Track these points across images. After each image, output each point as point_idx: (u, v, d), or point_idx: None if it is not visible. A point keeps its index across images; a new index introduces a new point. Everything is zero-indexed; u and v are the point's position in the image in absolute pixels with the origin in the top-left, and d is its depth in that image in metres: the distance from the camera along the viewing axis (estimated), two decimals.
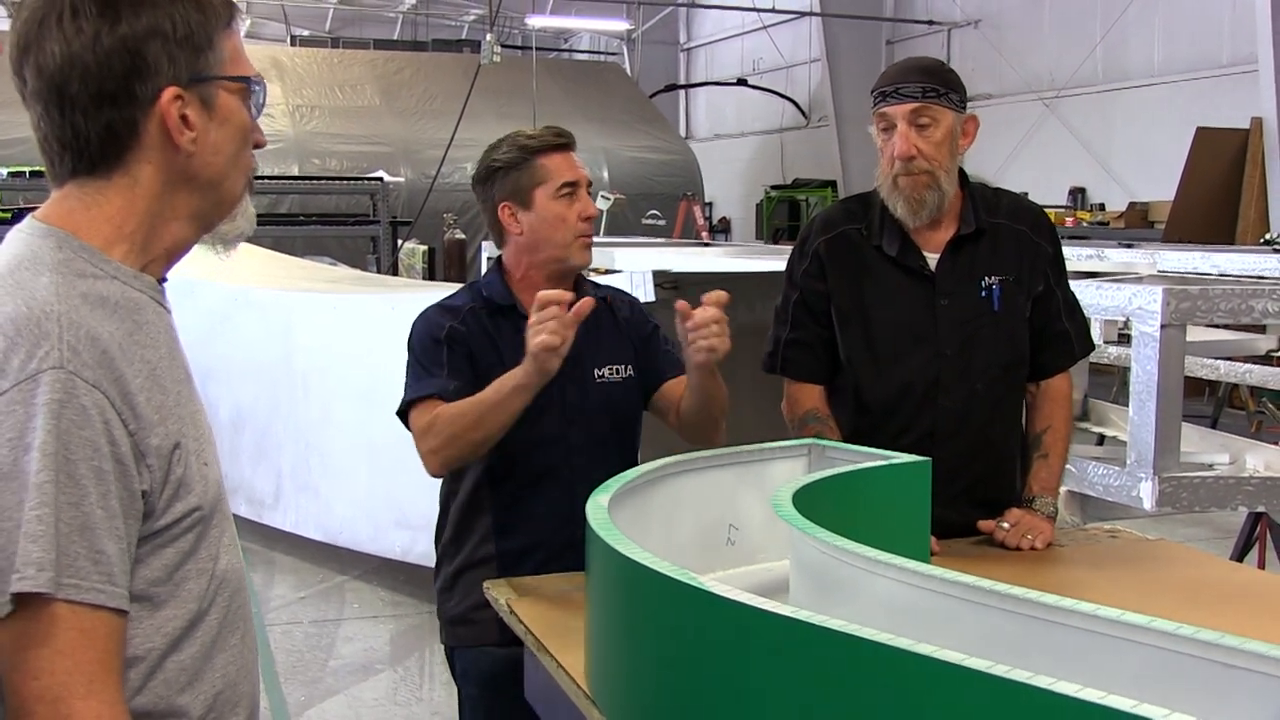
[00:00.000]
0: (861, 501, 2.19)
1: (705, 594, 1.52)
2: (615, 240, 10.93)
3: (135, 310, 1.40)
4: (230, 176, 1.49)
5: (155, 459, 1.35)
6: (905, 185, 2.69)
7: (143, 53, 1.38)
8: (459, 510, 2.69)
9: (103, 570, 1.29)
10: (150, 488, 1.35)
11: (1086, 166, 16.51)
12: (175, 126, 1.41)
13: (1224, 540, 6.60)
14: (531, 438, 2.58)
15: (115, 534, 1.30)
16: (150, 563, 1.38)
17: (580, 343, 2.57)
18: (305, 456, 6.25)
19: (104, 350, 1.32)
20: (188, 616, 1.43)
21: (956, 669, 1.21)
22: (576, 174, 2.63)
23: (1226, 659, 1.30)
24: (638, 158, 19.13)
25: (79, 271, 1.38)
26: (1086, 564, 2.64)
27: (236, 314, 6.49)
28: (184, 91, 1.41)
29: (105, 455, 1.30)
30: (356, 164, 17.08)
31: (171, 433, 1.38)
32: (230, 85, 1.46)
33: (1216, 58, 14.65)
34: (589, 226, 2.64)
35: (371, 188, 13.35)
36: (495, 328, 2.63)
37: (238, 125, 1.48)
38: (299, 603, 5.89)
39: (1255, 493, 4.14)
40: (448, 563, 2.72)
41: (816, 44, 21.25)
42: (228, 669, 1.50)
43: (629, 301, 2.85)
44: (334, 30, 27.79)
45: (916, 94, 2.67)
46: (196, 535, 1.43)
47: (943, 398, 2.75)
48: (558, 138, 2.66)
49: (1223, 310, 4.09)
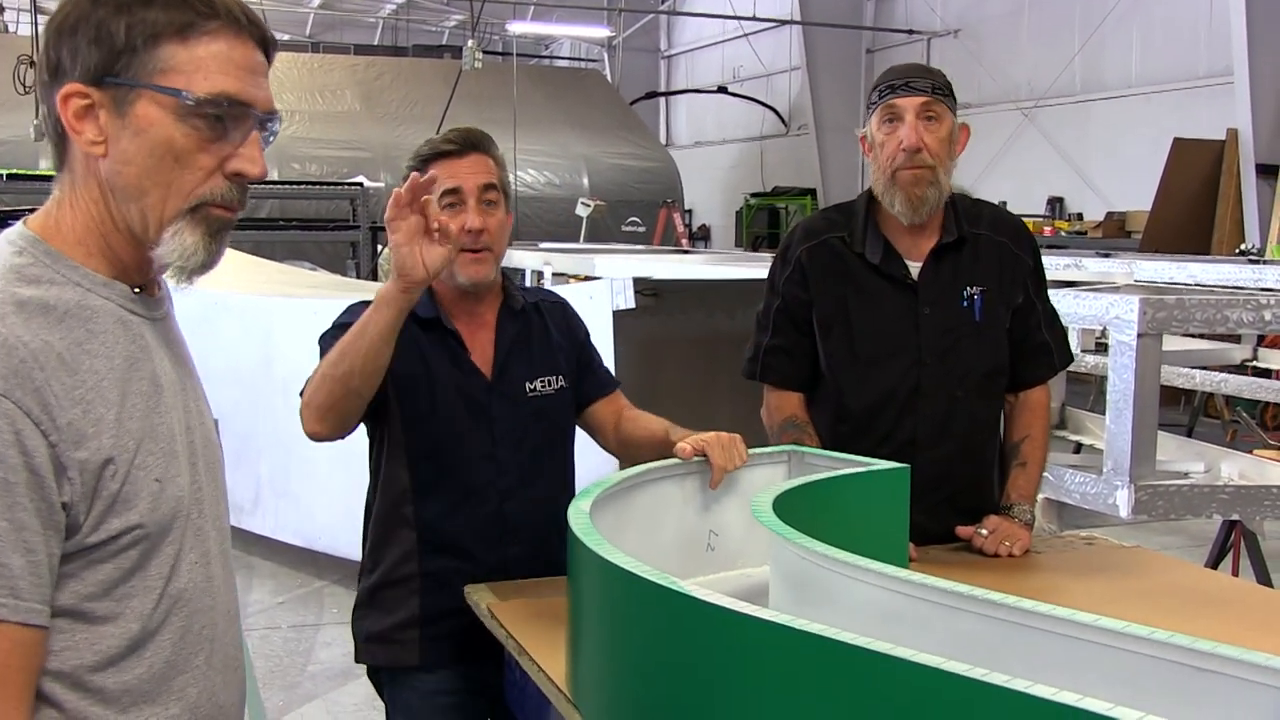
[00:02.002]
0: (841, 507, 2.21)
1: (687, 598, 1.53)
2: (595, 247, 10.94)
3: (89, 319, 1.37)
4: (149, 193, 1.39)
5: (78, 473, 1.31)
6: (906, 179, 2.69)
7: (58, 50, 1.39)
8: (380, 522, 2.53)
9: (4, 583, 1.26)
10: (72, 500, 1.31)
11: (1064, 176, 16.60)
12: (69, 124, 1.39)
13: (1198, 548, 6.65)
14: (458, 453, 2.47)
15: (23, 546, 1.26)
16: (83, 577, 1.34)
17: (509, 354, 2.53)
18: (285, 462, 6.24)
19: (22, 359, 1.28)
20: (129, 635, 1.39)
21: (935, 672, 1.22)
22: (458, 181, 2.42)
23: (1201, 664, 1.32)
24: (618, 164, 19.15)
25: (32, 278, 1.35)
26: (1063, 570, 2.66)
27: (216, 319, 6.47)
28: (91, 91, 1.37)
29: (15, 466, 1.26)
30: (336, 169, 17.06)
31: (105, 447, 1.34)
32: (158, 96, 1.38)
33: (1193, 69, 14.76)
34: (473, 239, 2.41)
35: (351, 193, 13.37)
36: (421, 340, 2.46)
37: (158, 139, 1.38)
38: (277, 608, 5.87)
39: (1230, 501, 4.17)
40: (366, 576, 2.57)
41: (797, 52, 21.31)
42: (186, 691, 1.46)
43: (560, 306, 2.70)
44: (314, 35, 27.77)
45: (927, 89, 2.70)
46: (141, 553, 1.38)
47: (923, 406, 2.77)
48: (448, 143, 2.45)
49: (1198, 320, 4.13)
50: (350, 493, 5.76)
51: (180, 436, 1.46)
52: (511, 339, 2.55)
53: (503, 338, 2.54)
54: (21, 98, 11.67)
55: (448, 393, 2.47)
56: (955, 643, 1.50)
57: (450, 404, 2.47)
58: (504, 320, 2.56)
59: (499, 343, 2.54)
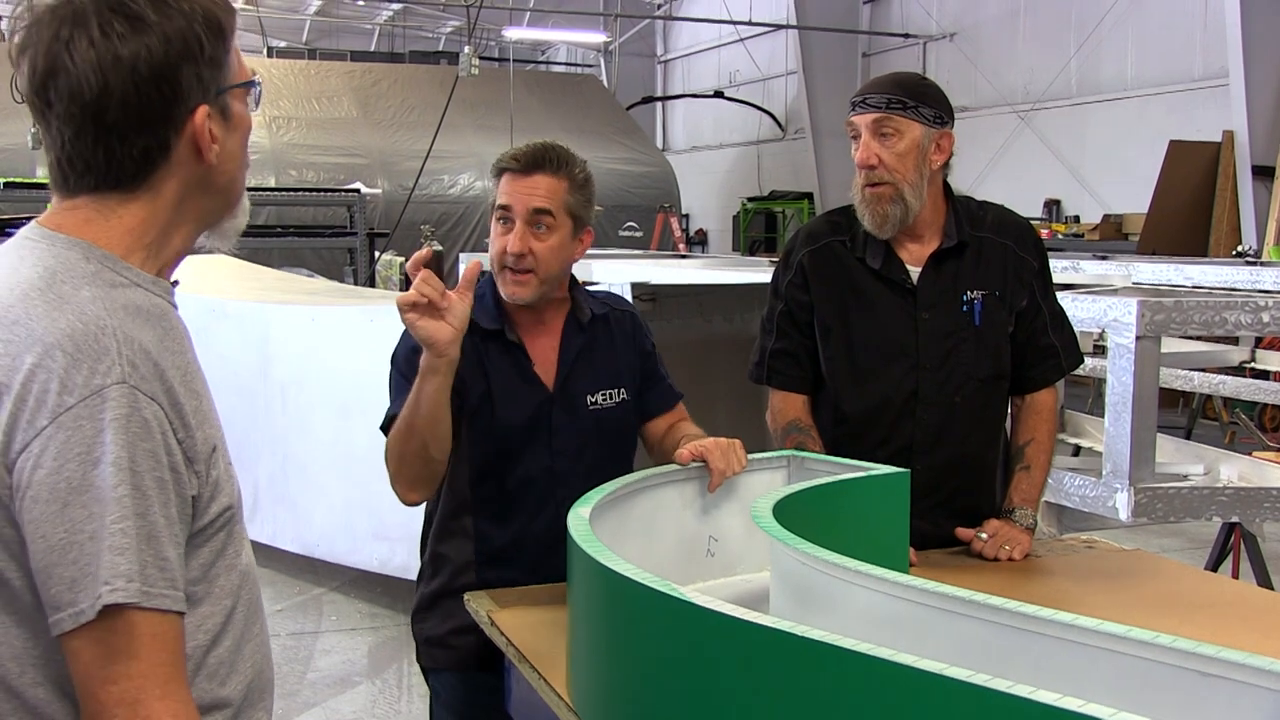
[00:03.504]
0: (841, 512, 2.20)
1: (688, 605, 1.52)
2: (592, 252, 10.93)
3: (162, 317, 1.42)
4: (239, 176, 1.52)
5: (201, 464, 1.40)
6: (869, 196, 2.71)
7: (178, 79, 1.40)
8: (439, 532, 2.57)
9: (168, 576, 1.33)
10: (199, 492, 1.40)
11: (1061, 179, 16.62)
12: (206, 145, 1.44)
13: (1197, 550, 6.65)
14: (517, 464, 2.48)
15: (175, 540, 1.35)
16: (190, 563, 1.41)
17: (572, 367, 2.53)
18: (283, 468, 6.23)
19: (155, 362, 1.36)
20: (224, 612, 1.47)
21: (937, 678, 1.22)
22: (511, 199, 2.42)
23: (1204, 668, 1.32)
24: (615, 169, 19.14)
25: (110, 282, 1.39)
26: (1064, 575, 2.66)
27: (213, 325, 6.46)
28: (211, 108, 1.44)
29: (164, 465, 1.34)
30: (333, 176, 17.06)
31: (209, 436, 1.42)
32: (238, 92, 1.49)
33: (1189, 72, 14.78)
34: (515, 261, 2.41)
35: (349, 199, 13.35)
36: (485, 351, 2.48)
37: (246, 128, 1.52)
38: (276, 615, 5.85)
39: (1229, 503, 4.17)
40: (426, 583, 2.61)
41: (793, 56, 21.33)
42: (255, 657, 1.54)
43: (630, 316, 2.68)
44: (311, 42, 27.77)
45: (881, 104, 2.69)
46: (227, 534, 1.47)
47: (922, 410, 2.76)
48: (514, 160, 2.45)
49: (1197, 322, 4.13)
50: (349, 500, 5.80)
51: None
52: (576, 350, 2.54)
53: (567, 349, 2.54)
54: (19, 106, 11.60)
55: (508, 404, 2.48)
56: (957, 648, 1.49)
57: (511, 415, 2.48)
58: (569, 331, 2.56)
59: (563, 354, 2.54)
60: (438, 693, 2.65)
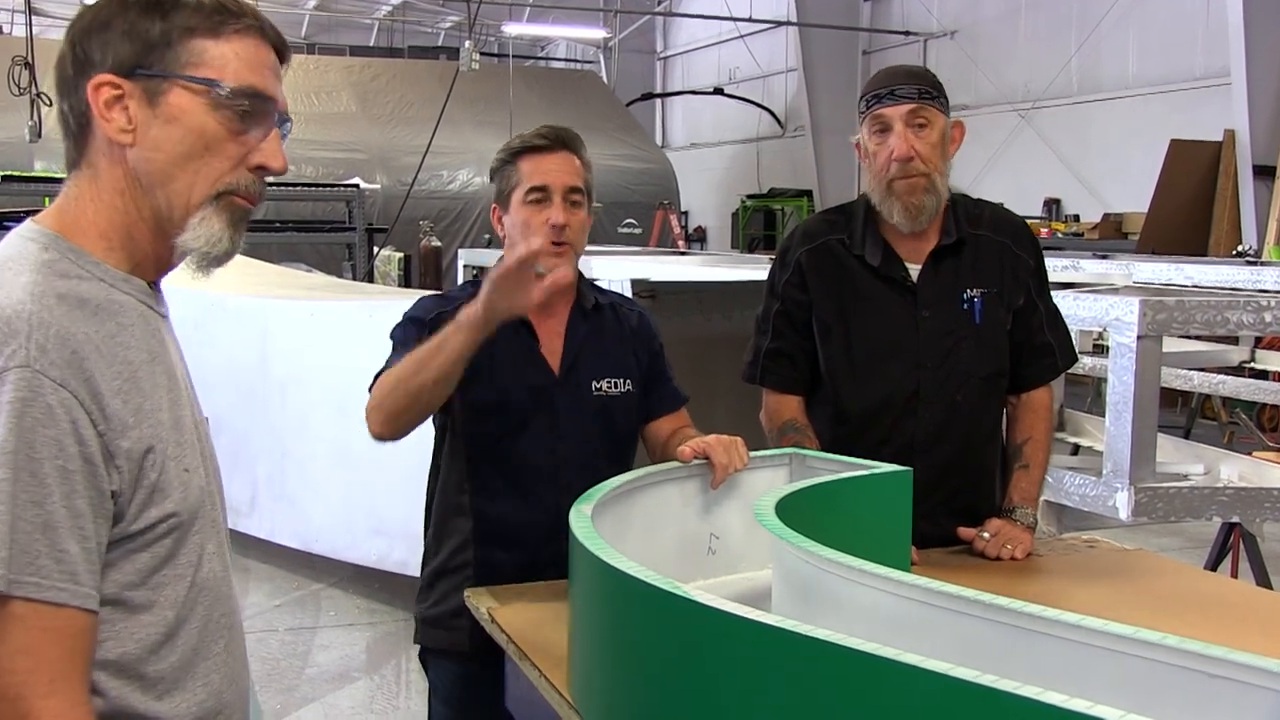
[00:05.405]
0: (843, 510, 2.19)
1: (690, 603, 1.51)
2: (591, 249, 10.92)
3: (118, 312, 1.41)
4: (177, 178, 1.44)
5: (125, 461, 1.36)
6: (902, 189, 2.68)
7: (87, 45, 1.43)
8: (440, 510, 2.60)
9: (65, 569, 1.29)
10: (120, 489, 1.36)
11: (1061, 178, 16.62)
12: (99, 112, 1.43)
13: (1197, 549, 6.65)
14: (519, 445, 2.50)
15: (80, 533, 1.31)
16: (122, 566, 1.38)
17: (580, 351, 2.55)
18: (281, 464, 6.22)
19: (74, 350, 1.32)
20: (165, 624, 1.43)
21: (943, 678, 1.21)
22: (548, 178, 2.47)
23: (1211, 669, 1.31)
24: (614, 166, 19.13)
25: (62, 272, 1.39)
26: (1065, 574, 2.65)
27: (212, 321, 6.45)
28: (121, 82, 1.42)
29: (72, 455, 1.30)
30: (332, 171, 17.05)
31: (145, 436, 1.38)
32: (191, 86, 1.43)
33: (1190, 70, 14.77)
34: (557, 234, 2.45)
35: (347, 194, 13.34)
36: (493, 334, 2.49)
37: (189, 127, 1.44)
38: (274, 610, 5.85)
39: (1229, 503, 4.17)
40: (428, 561, 2.64)
41: (793, 53, 21.32)
42: (210, 678, 1.50)
43: (639, 313, 2.71)
44: (309, 36, 27.70)
45: (913, 95, 2.67)
46: (174, 541, 1.43)
47: (922, 409, 2.75)
48: (540, 138, 2.51)
49: (1198, 321, 4.12)
50: (348, 494, 5.79)
51: (192, 430, 1.52)
52: (583, 336, 2.56)
53: (574, 333, 2.57)
54: (16, 99, 11.62)
55: (513, 384, 2.50)
56: (959, 648, 1.48)
57: (515, 396, 2.50)
58: (576, 317, 2.59)
59: (569, 338, 2.56)
60: (436, 687, 2.65)
